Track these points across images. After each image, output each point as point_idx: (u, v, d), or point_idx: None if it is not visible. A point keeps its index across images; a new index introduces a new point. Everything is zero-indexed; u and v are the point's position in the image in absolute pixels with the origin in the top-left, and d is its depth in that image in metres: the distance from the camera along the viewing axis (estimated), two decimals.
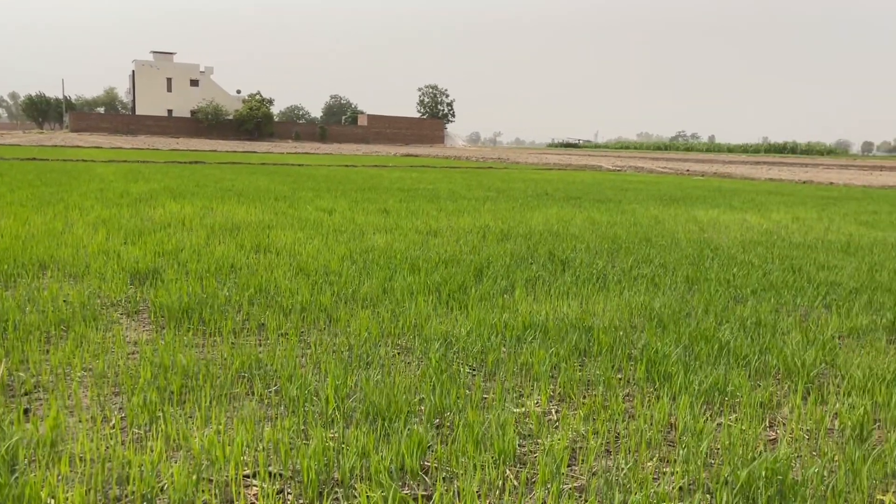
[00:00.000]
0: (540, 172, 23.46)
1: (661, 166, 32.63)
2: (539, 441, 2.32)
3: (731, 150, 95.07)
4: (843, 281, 5.04)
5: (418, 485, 2.02)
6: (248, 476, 2.02)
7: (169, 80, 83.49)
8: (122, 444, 2.19)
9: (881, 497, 2.03)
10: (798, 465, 2.20)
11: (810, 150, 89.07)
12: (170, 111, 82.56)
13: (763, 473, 2.03)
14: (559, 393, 2.78)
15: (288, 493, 1.95)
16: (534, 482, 2.05)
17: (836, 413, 2.61)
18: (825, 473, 2.12)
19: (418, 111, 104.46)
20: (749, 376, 2.98)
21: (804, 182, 22.15)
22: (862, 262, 5.94)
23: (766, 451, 2.26)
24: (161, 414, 2.38)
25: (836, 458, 2.24)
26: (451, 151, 55.71)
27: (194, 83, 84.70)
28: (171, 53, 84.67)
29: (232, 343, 3.22)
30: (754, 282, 4.86)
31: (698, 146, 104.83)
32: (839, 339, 3.61)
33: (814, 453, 2.29)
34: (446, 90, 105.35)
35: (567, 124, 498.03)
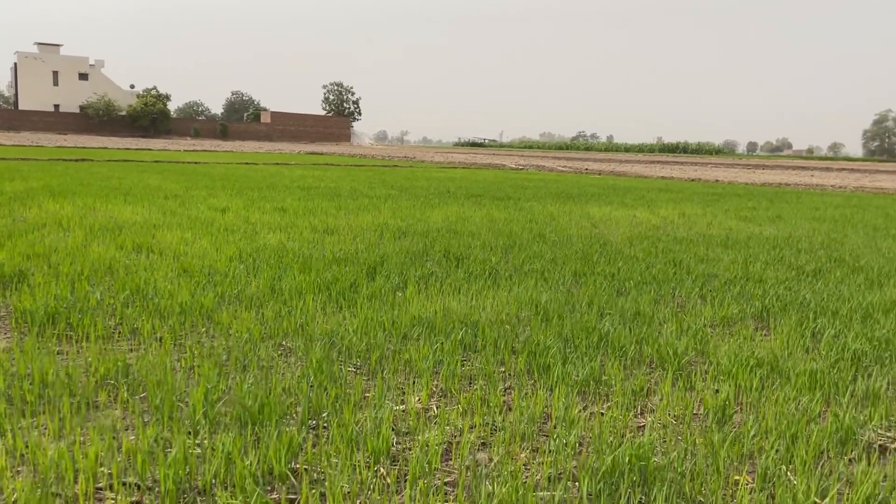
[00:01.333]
0: (444, 171, 23.60)
1: (561, 165, 33.52)
2: (416, 438, 2.31)
3: (627, 149, 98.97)
4: (719, 273, 5.30)
5: (287, 489, 1.97)
6: (102, 489, 1.91)
7: (55, 73, 78.66)
8: None
9: (737, 477, 2.13)
10: (662, 450, 2.28)
11: (700, 150, 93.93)
12: (56, 106, 77.83)
13: (627, 460, 2.09)
14: (441, 388, 2.78)
15: None
16: (406, 479, 2.04)
17: (702, 399, 2.73)
18: (687, 457, 2.21)
19: (324, 109, 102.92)
20: (625, 366, 3.08)
21: (693, 180, 23.28)
22: (738, 254, 6.28)
23: (634, 438, 2.34)
24: (10, 427, 2.21)
25: (698, 441, 2.34)
26: (358, 150, 55.27)
27: (83, 77, 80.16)
28: (57, 45, 79.81)
29: (101, 349, 3.05)
30: (637, 275, 5.04)
31: (598, 146, 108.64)
32: (711, 327, 3.78)
33: (679, 438, 2.38)
34: (352, 88, 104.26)
35: (474, 124, 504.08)
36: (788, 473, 2.15)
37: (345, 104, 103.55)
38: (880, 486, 2.10)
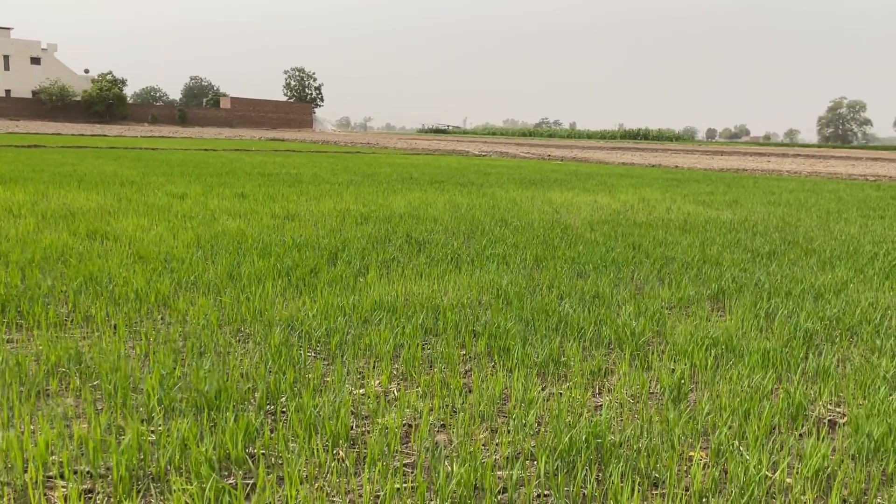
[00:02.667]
0: (408, 157, 23.50)
1: (524, 152, 33.64)
2: (376, 420, 2.30)
3: (590, 136, 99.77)
4: (677, 256, 5.38)
5: (244, 474, 1.95)
6: (52, 477, 1.86)
7: (6, 57, 76.12)
8: None
9: (691, 453, 2.17)
10: (619, 428, 2.31)
11: (661, 136, 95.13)
12: (8, 91, 75.41)
13: (584, 438, 2.12)
14: (402, 372, 2.77)
15: (98, 492, 1.81)
16: (365, 462, 2.03)
17: (658, 378, 2.78)
18: (643, 434, 2.25)
19: (285, 94, 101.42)
20: (583, 347, 3.11)
21: (653, 166, 23.57)
22: (696, 238, 6.38)
23: (592, 416, 2.37)
24: None
25: (654, 419, 2.38)
26: (320, 136, 54.71)
27: (35, 61, 77.71)
28: (7, 28, 77.17)
29: (53, 336, 2.97)
30: (597, 258, 5.09)
31: (560, 132, 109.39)
32: (668, 309, 3.84)
33: (635, 416, 2.42)
34: (314, 73, 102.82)
35: (437, 111, 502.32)
36: (741, 448, 2.20)
37: (307, 90, 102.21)
38: (829, 460, 2.16)
